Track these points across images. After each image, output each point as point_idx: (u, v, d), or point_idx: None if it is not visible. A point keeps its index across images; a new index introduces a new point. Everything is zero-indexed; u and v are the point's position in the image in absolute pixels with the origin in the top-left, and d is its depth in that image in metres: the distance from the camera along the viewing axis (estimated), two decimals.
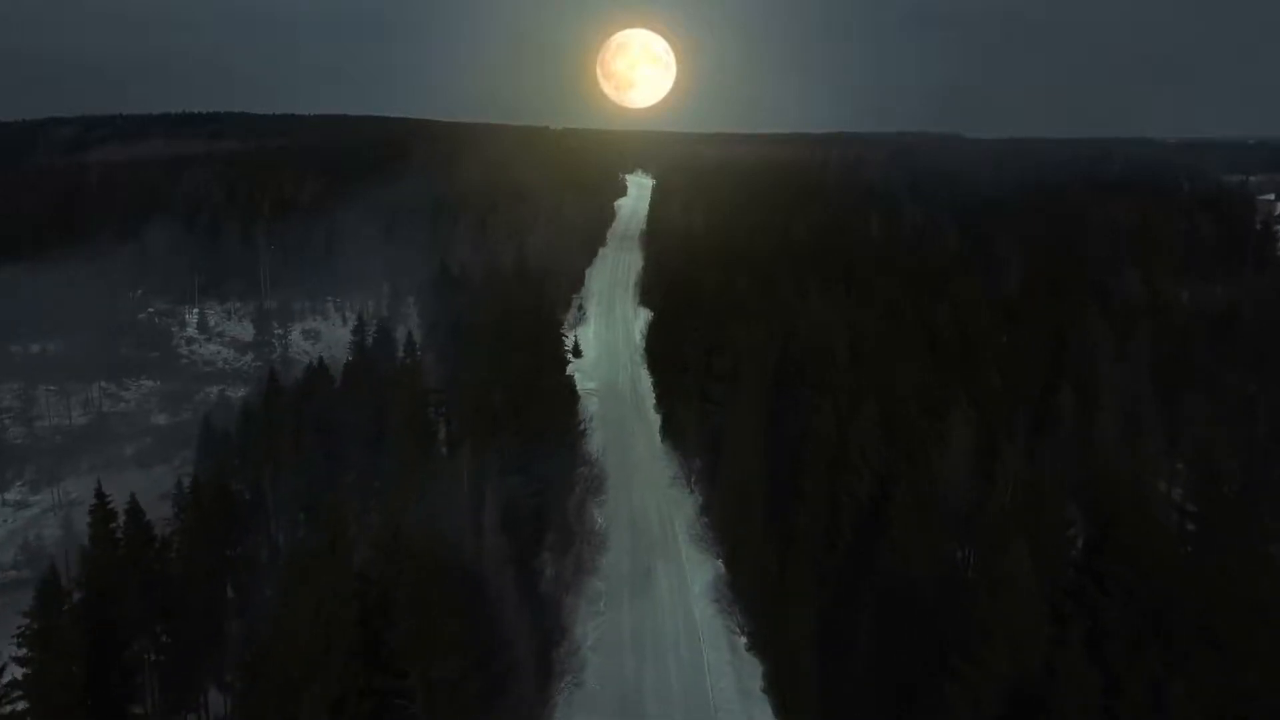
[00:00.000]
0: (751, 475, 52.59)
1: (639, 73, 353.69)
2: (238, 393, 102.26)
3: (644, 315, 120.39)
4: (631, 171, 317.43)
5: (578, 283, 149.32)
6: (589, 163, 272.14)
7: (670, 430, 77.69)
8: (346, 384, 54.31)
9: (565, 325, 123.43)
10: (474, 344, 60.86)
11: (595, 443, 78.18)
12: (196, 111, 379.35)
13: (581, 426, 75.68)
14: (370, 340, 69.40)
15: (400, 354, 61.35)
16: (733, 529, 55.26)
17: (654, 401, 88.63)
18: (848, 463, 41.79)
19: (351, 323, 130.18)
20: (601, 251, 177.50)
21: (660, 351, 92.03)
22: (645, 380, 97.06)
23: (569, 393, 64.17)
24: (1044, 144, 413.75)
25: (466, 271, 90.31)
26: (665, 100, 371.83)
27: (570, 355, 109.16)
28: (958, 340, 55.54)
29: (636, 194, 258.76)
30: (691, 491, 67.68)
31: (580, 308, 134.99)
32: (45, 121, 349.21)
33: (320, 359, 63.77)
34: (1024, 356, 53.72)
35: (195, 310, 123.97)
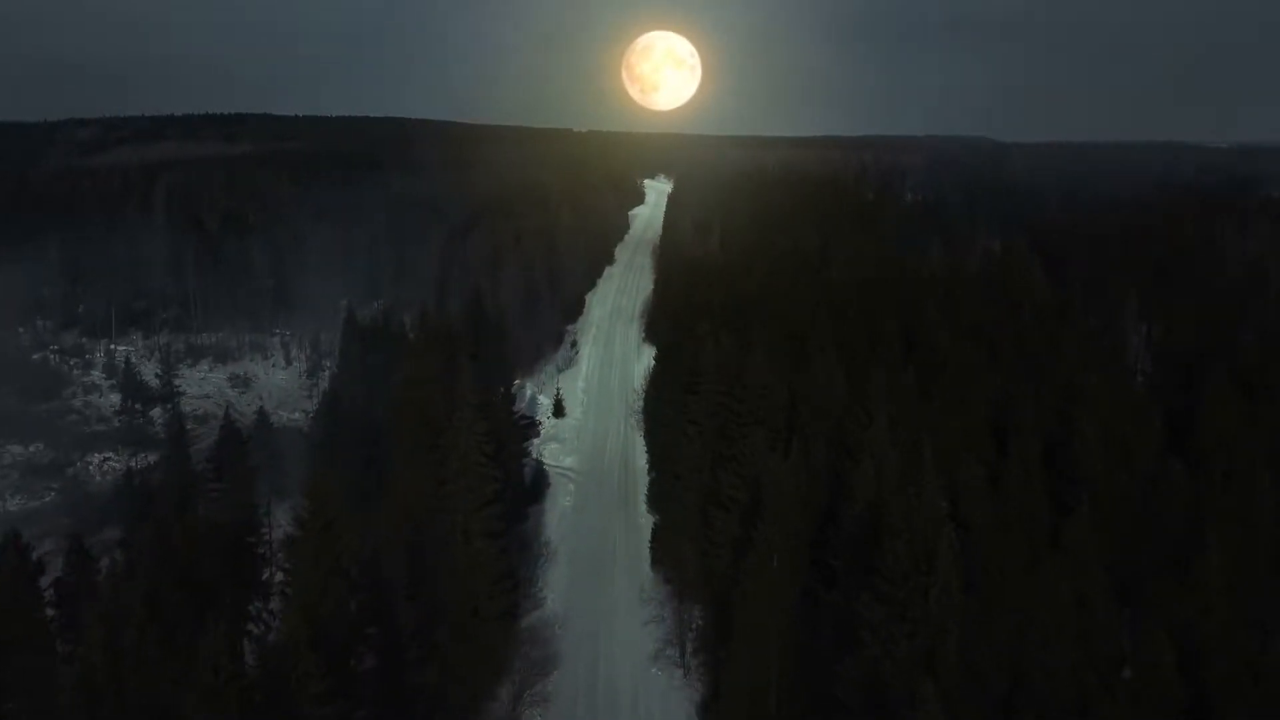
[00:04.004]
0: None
1: (664, 75, 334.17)
2: (129, 460, 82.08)
3: (648, 355, 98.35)
4: (653, 176, 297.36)
5: (575, 310, 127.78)
6: (607, 167, 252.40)
7: (663, 552, 55.81)
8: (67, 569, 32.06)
9: (550, 369, 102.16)
10: (343, 460, 39.19)
11: (557, 566, 56.85)
12: (217, 113, 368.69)
13: (535, 572, 54.40)
14: (217, 436, 47.32)
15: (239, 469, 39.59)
16: None
17: (648, 489, 66.92)
18: None
19: (300, 364, 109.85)
20: (608, 270, 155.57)
21: (658, 419, 70.21)
22: (641, 454, 75.24)
23: (499, 555, 41.99)
24: (1088, 149, 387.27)
25: (394, 312, 68.57)
26: (691, 102, 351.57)
27: (550, 414, 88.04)
28: (1123, 511, 33.38)
29: (655, 201, 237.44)
30: (686, 673, 45.75)
31: (573, 344, 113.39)
32: (64, 122, 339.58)
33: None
34: (1250, 545, 31.16)
35: (111, 346, 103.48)
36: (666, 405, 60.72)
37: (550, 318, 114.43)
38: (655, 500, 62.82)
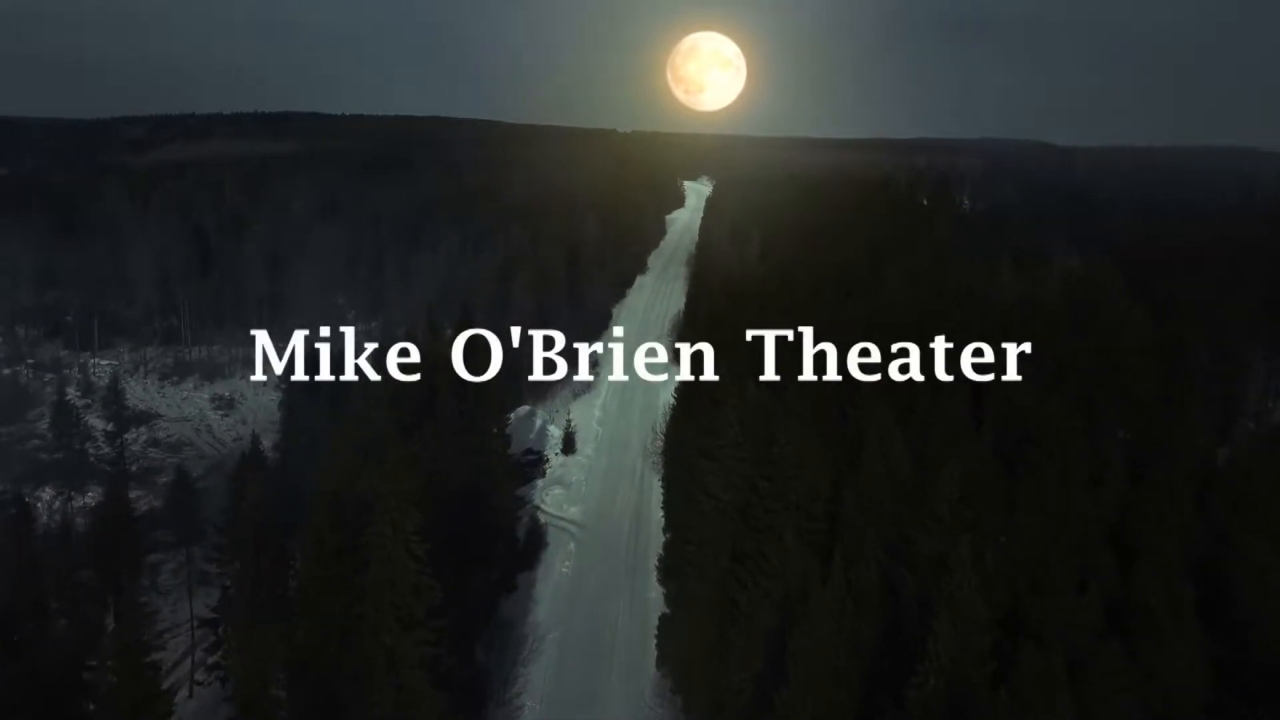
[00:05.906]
0: None
1: (709, 75, 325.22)
2: (84, 497, 73.48)
3: (678, 378, 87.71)
4: (695, 178, 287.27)
5: (600, 324, 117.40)
6: (649, 169, 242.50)
7: (671, 649, 45.32)
8: None
9: (565, 394, 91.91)
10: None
11: (543, 659, 46.68)
12: (267, 111, 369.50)
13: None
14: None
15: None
16: None
17: (662, 554, 56.15)
18: None
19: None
20: (640, 281, 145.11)
21: (675, 473, 59.55)
22: (658, 504, 64.69)
23: (435, 691, 31.59)
24: (1151, 153, 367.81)
25: (382, 332, 58.73)
26: (736, 103, 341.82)
27: (559, 449, 77.82)
28: None
29: (695, 204, 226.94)
30: None
31: (593, 365, 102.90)
32: (116, 120, 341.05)
33: None
34: None
35: (92, 360, 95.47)
36: (683, 463, 50.26)
37: (570, 334, 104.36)
38: (667, 572, 52.34)
